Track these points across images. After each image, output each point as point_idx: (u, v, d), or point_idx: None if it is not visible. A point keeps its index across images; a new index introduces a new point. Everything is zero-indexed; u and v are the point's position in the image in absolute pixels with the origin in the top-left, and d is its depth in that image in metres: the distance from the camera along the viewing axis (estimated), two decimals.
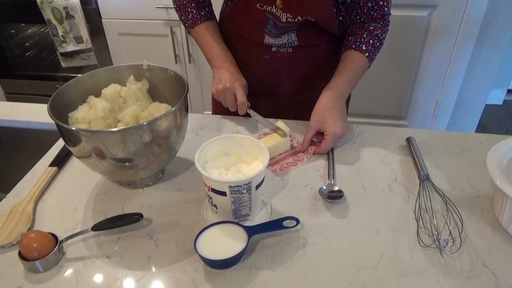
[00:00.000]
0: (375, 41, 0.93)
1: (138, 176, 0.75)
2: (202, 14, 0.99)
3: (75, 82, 0.76)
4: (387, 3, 0.93)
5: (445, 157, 0.86)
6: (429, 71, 2.02)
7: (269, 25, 0.92)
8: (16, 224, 0.71)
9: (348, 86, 0.92)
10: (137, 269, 0.64)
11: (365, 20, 0.95)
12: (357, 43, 0.93)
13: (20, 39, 2.33)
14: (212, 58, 0.97)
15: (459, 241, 0.66)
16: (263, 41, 0.96)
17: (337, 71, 0.92)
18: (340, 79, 0.91)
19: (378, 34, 0.94)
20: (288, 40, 0.94)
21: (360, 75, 0.95)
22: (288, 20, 0.89)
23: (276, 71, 1.00)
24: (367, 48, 0.93)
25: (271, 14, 0.90)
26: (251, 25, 0.95)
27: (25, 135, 1.02)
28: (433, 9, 1.84)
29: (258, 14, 0.92)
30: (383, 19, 0.95)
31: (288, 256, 0.65)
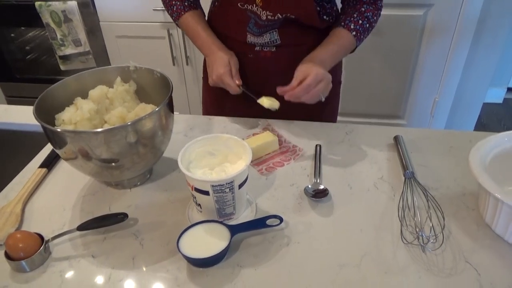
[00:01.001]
0: (364, 21, 0.94)
1: (124, 177, 0.75)
2: (185, 4, 0.99)
3: (61, 84, 0.77)
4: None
5: (433, 155, 0.87)
6: (426, 70, 2.02)
7: (250, 24, 0.93)
8: (3, 225, 0.72)
9: (329, 58, 0.91)
10: (121, 268, 0.64)
11: (358, 1, 0.95)
12: (346, 21, 0.94)
13: (20, 42, 2.36)
14: (200, 46, 0.99)
15: (441, 237, 0.66)
16: (246, 40, 0.96)
17: (321, 44, 0.93)
18: (322, 51, 0.91)
19: (368, 16, 0.94)
20: (270, 39, 0.95)
21: (345, 52, 0.95)
22: (268, 18, 0.90)
23: (260, 71, 1.00)
24: (355, 27, 0.93)
25: (252, 13, 0.91)
26: (234, 24, 0.96)
27: (19, 138, 1.03)
28: (429, 8, 1.83)
29: (240, 13, 0.93)
30: (375, 3, 0.95)
31: (271, 255, 0.66)
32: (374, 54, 2.00)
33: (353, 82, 2.11)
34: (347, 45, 0.94)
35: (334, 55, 0.93)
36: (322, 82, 0.82)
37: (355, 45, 0.96)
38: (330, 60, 0.92)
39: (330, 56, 0.92)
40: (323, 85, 0.82)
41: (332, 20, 1.00)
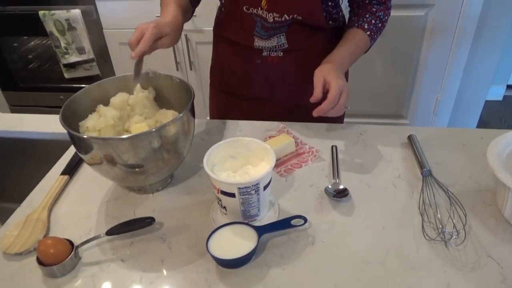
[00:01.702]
0: (377, 21, 0.96)
1: (148, 181, 0.77)
2: None
3: (84, 92, 0.78)
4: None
5: (447, 153, 0.88)
6: (428, 70, 2.05)
7: (257, 27, 0.95)
8: (31, 231, 0.73)
9: (348, 58, 0.93)
10: (151, 271, 0.66)
11: (369, 2, 0.97)
12: (359, 22, 0.96)
13: (23, 51, 2.37)
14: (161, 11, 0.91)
15: (463, 233, 0.68)
16: (253, 45, 0.98)
17: (339, 45, 0.94)
18: (341, 51, 0.92)
19: (380, 16, 0.96)
20: (277, 43, 0.96)
21: (361, 50, 0.97)
22: (275, 19, 0.91)
23: (268, 76, 1.02)
24: (369, 27, 0.95)
25: (258, 16, 0.92)
26: (240, 29, 0.97)
27: (34, 146, 1.04)
28: (430, 8, 1.86)
29: (245, 18, 0.94)
30: (385, 3, 0.97)
31: (297, 254, 0.67)
32: (377, 55, 2.03)
33: (356, 82, 2.13)
34: (362, 44, 0.96)
35: (352, 54, 0.94)
36: (344, 93, 0.82)
37: (370, 45, 0.98)
38: (349, 60, 0.94)
39: (349, 55, 0.93)
40: (345, 96, 0.82)
41: (340, 25, 1.02)
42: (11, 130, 1.04)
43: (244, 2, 0.92)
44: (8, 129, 1.04)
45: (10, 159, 1.06)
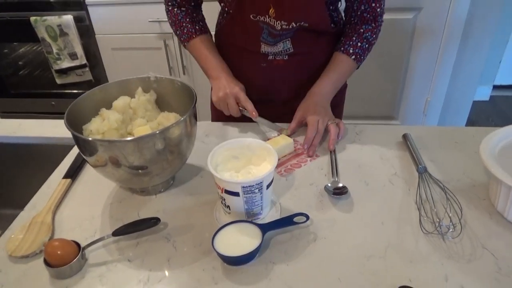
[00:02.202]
0: (363, 43, 0.99)
1: (152, 183, 0.78)
2: (196, 28, 1.03)
3: (87, 96, 0.79)
4: (379, 4, 0.98)
5: (440, 151, 0.91)
6: (417, 71, 2.09)
7: (264, 34, 0.97)
8: (37, 234, 0.73)
9: (332, 87, 1.01)
10: (158, 270, 0.67)
11: (358, 22, 1.01)
12: (345, 45, 1.00)
13: (13, 58, 2.36)
14: (208, 69, 1.02)
15: (459, 226, 0.71)
16: (260, 50, 1.00)
17: (323, 73, 1.01)
18: (324, 82, 1.00)
19: (367, 36, 1.00)
20: (283, 48, 0.99)
21: (346, 75, 1.04)
22: (283, 27, 0.94)
23: (273, 79, 1.04)
24: (354, 51, 0.99)
25: (265, 24, 0.95)
26: (247, 35, 1.00)
27: (33, 151, 1.05)
28: (418, 12, 1.91)
29: (252, 25, 0.96)
30: (375, 21, 1.00)
31: (300, 250, 0.69)
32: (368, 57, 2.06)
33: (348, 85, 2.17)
34: (347, 69, 1.02)
35: (335, 82, 1.02)
36: (320, 121, 0.94)
37: (356, 67, 1.03)
38: (332, 89, 1.01)
39: (331, 86, 1.01)
40: (321, 122, 0.94)
41: (340, 27, 1.05)
42: (10, 136, 1.04)
43: (251, 10, 0.94)
44: (8, 135, 1.04)
45: (9, 165, 1.06)
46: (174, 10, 1.05)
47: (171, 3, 1.06)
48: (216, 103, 0.99)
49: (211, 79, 1.03)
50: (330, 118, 0.95)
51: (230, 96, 0.96)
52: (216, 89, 0.99)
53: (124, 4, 2.04)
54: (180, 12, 1.05)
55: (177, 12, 1.05)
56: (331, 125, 0.93)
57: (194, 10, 1.07)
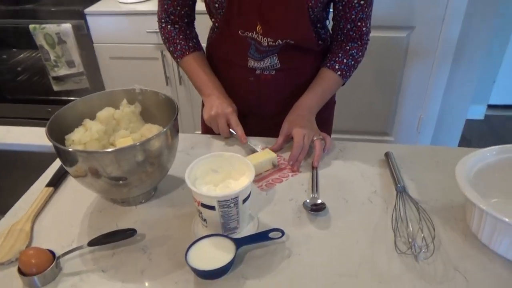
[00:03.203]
0: (349, 60, 1.01)
1: (131, 194, 0.79)
2: (190, 45, 1.05)
3: (71, 106, 0.80)
4: (365, 24, 1.00)
5: (421, 170, 0.92)
6: (411, 89, 2.11)
7: (251, 50, 0.99)
8: (14, 242, 0.74)
9: (317, 101, 1.02)
10: (131, 282, 0.67)
11: (344, 39, 1.02)
12: (331, 61, 1.02)
13: (11, 64, 2.38)
14: (201, 86, 1.04)
15: (432, 247, 0.71)
16: (247, 65, 1.02)
17: (309, 88, 1.03)
18: (310, 96, 1.01)
19: (353, 53, 1.01)
20: (270, 63, 1.01)
21: (331, 91, 1.06)
22: (269, 44, 0.96)
23: (260, 93, 1.06)
24: (340, 67, 1.01)
25: (253, 39, 0.97)
26: (235, 50, 1.01)
27: (21, 158, 1.05)
28: (411, 30, 1.94)
29: (240, 40, 0.98)
30: (361, 39, 1.02)
31: (274, 266, 0.69)
32: (362, 73, 2.08)
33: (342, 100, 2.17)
34: (333, 85, 1.04)
35: (321, 97, 1.03)
36: (306, 136, 0.94)
37: (343, 82, 1.04)
38: (317, 103, 1.03)
39: (317, 100, 1.02)
40: (307, 138, 0.94)
41: (327, 44, 1.07)
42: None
43: (239, 26, 0.96)
44: None
45: None
46: (167, 27, 1.07)
47: (164, 20, 1.08)
48: (207, 121, 1.01)
49: (203, 96, 1.04)
50: (316, 133, 0.96)
51: (221, 116, 0.98)
52: (208, 107, 1.00)
53: (122, 14, 2.08)
54: (174, 29, 1.07)
55: (170, 29, 1.07)
56: (317, 140, 0.94)
57: (187, 27, 1.09)
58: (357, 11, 0.96)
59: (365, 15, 0.98)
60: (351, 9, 0.96)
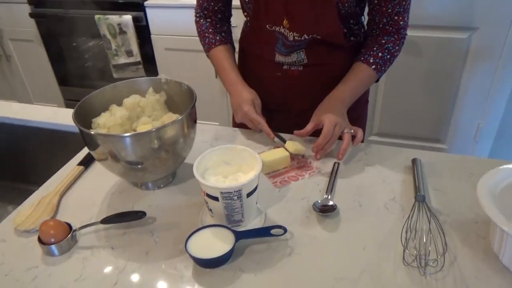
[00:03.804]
0: (384, 53, 0.97)
1: (145, 179, 0.82)
2: (217, 38, 1.07)
3: (99, 92, 0.86)
4: (402, 18, 0.95)
5: (451, 181, 0.86)
6: (469, 94, 1.96)
7: (279, 44, 0.98)
8: (42, 213, 0.81)
9: (349, 95, 0.98)
10: (135, 261, 0.71)
11: (380, 33, 0.99)
12: (365, 55, 0.98)
13: (80, 51, 2.58)
14: (224, 82, 1.06)
15: (442, 261, 0.66)
16: (275, 59, 1.01)
17: (342, 81, 0.99)
18: (343, 88, 0.97)
19: (389, 47, 0.97)
20: (297, 58, 0.99)
21: (364, 85, 1.01)
22: (295, 38, 0.95)
23: (288, 89, 1.05)
24: (374, 61, 0.97)
25: (280, 34, 0.96)
26: (263, 44, 1.02)
27: (65, 138, 1.14)
28: (473, 32, 1.79)
29: (268, 34, 0.98)
30: (398, 33, 0.98)
31: (273, 263, 0.69)
32: (415, 75, 1.98)
33: (391, 101, 2.10)
34: (366, 79, 0.99)
35: (353, 91, 0.99)
36: (337, 126, 0.89)
37: (377, 77, 0.99)
38: (349, 97, 0.98)
39: (349, 93, 0.98)
40: (338, 128, 0.89)
41: (361, 40, 1.03)
42: (45, 121, 1.15)
43: (267, 20, 0.96)
44: (44, 120, 1.15)
45: (42, 148, 1.18)
46: (200, 21, 1.10)
47: (199, 14, 1.11)
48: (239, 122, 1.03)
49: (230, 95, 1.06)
50: (347, 126, 0.92)
51: (246, 120, 0.99)
52: (234, 110, 1.03)
53: (179, 7, 2.15)
54: (205, 23, 1.09)
55: (202, 22, 1.09)
56: (347, 134, 0.90)
57: (219, 22, 1.10)
58: (394, 4, 0.92)
59: (402, 8, 0.93)
60: (387, 3, 0.92)
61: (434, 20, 1.82)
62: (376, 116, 2.18)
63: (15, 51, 2.70)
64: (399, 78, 2.00)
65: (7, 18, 2.55)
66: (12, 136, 1.21)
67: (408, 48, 1.04)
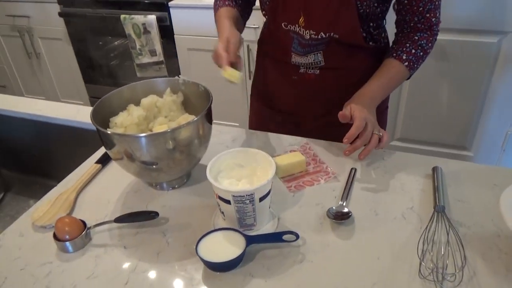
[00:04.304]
0: (417, 50, 0.94)
1: (160, 179, 0.83)
2: (226, 3, 1.03)
3: (118, 92, 0.87)
4: (434, 14, 0.93)
5: (473, 191, 0.83)
6: (498, 101, 1.90)
7: (294, 44, 0.97)
8: (59, 209, 0.82)
9: (380, 92, 0.95)
10: (146, 261, 0.71)
11: (411, 31, 0.96)
12: (398, 51, 0.95)
13: (106, 50, 2.63)
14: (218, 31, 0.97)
15: (459, 276, 0.64)
16: (291, 61, 1.00)
17: (373, 77, 0.95)
18: (373, 85, 0.94)
19: (422, 44, 0.94)
20: (314, 60, 0.98)
21: (396, 82, 0.97)
22: (312, 37, 0.93)
23: (304, 93, 1.03)
24: (407, 57, 0.94)
25: (295, 33, 0.95)
26: (279, 44, 1.01)
27: (86, 135, 1.17)
28: (504, 36, 1.73)
29: (284, 34, 0.97)
30: (431, 29, 0.95)
31: (283, 269, 0.68)
32: (441, 79, 1.93)
33: (415, 106, 2.04)
34: (398, 76, 0.96)
35: (384, 87, 0.95)
36: (369, 124, 0.86)
37: (409, 75, 0.96)
38: (380, 94, 0.95)
39: (380, 90, 0.95)
40: (370, 126, 0.86)
41: (381, 45, 1.01)
42: (68, 119, 1.17)
43: (283, 18, 0.95)
44: (66, 118, 1.18)
45: (64, 145, 1.20)
46: None
47: None
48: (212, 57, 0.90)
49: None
50: (376, 126, 0.90)
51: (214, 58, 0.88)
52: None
53: (203, 8, 2.17)
54: None
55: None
56: (375, 135, 0.87)
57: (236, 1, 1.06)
58: (425, 2, 0.90)
59: (433, 5, 0.91)
60: (418, 1, 0.90)
61: (461, 23, 1.76)
62: (398, 121, 2.13)
63: (44, 49, 2.78)
64: (424, 81, 1.95)
65: (38, 17, 2.63)
66: (37, 132, 1.24)
67: (434, 51, 1.00)
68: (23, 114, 1.22)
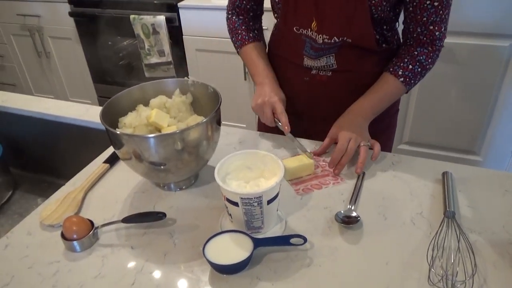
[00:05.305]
0: (415, 66, 0.93)
1: (168, 180, 0.83)
2: (250, 35, 1.06)
3: (127, 92, 0.87)
4: (438, 28, 0.91)
5: (484, 197, 0.82)
6: (508, 105, 1.88)
7: (306, 47, 0.97)
8: (66, 208, 0.83)
9: (372, 108, 0.96)
10: (153, 262, 0.71)
11: (413, 44, 0.95)
12: (395, 67, 0.95)
13: (115, 50, 2.64)
14: (254, 74, 1.04)
15: (470, 284, 0.63)
16: (303, 63, 0.99)
17: (367, 92, 0.96)
18: (365, 101, 0.96)
19: (421, 60, 0.93)
20: (326, 63, 0.97)
21: (391, 98, 0.98)
22: (325, 41, 0.93)
23: (315, 94, 1.03)
24: (403, 73, 0.93)
25: (307, 37, 0.95)
26: (291, 47, 1.00)
27: (95, 135, 1.17)
28: None
29: (295, 37, 0.97)
30: (432, 44, 0.93)
31: (291, 273, 0.67)
32: (451, 83, 1.91)
33: (424, 109, 2.03)
34: (393, 92, 0.97)
35: (377, 104, 0.96)
36: (352, 140, 0.89)
37: (406, 90, 0.96)
38: (372, 109, 0.96)
39: (372, 106, 0.96)
40: (352, 142, 0.88)
41: (393, 47, 1.00)
42: (77, 118, 1.18)
43: (295, 23, 0.95)
44: (75, 117, 1.18)
45: (73, 144, 1.21)
46: (232, 18, 1.10)
47: (231, 12, 1.11)
48: (253, 108, 1.01)
49: (255, 84, 1.05)
50: (364, 139, 0.90)
51: (267, 104, 0.97)
52: (257, 95, 1.00)
53: (212, 9, 2.17)
54: (238, 20, 1.09)
55: (235, 19, 1.10)
56: (363, 147, 0.89)
57: (251, 19, 1.10)
58: (430, 13, 0.88)
59: (439, 18, 0.89)
60: (422, 11, 0.88)
61: (472, 26, 1.75)
62: (407, 124, 2.11)
63: (54, 48, 2.80)
64: (434, 85, 1.93)
65: (48, 17, 2.65)
66: (46, 131, 1.25)
67: (444, 55, 0.99)
68: (32, 113, 1.23)
